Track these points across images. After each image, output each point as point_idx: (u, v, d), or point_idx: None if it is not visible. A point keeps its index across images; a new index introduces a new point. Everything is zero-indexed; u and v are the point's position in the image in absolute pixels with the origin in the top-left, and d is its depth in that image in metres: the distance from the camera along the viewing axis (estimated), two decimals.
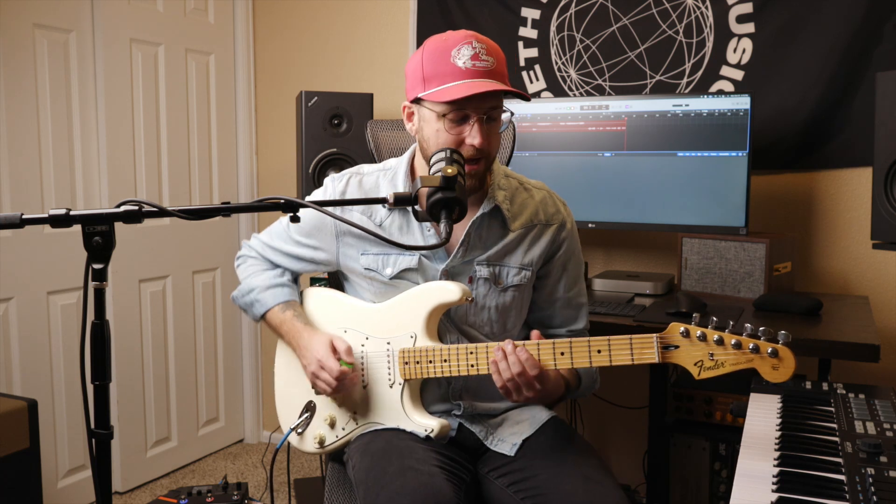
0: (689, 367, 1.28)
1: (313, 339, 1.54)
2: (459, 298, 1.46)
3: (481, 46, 1.42)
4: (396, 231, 1.56)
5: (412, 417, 1.49)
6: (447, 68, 1.40)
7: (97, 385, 1.11)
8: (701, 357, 1.27)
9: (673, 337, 1.29)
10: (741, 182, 2.21)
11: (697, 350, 1.27)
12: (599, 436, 2.83)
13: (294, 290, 1.68)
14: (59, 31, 2.65)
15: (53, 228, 1.41)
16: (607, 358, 1.34)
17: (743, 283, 2.19)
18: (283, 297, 1.64)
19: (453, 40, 1.42)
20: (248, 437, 3.51)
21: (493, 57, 1.43)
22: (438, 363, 1.46)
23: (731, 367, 1.25)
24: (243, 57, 3.35)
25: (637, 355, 1.31)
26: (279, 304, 1.64)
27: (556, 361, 1.38)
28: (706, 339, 1.26)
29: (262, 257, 1.71)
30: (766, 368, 1.22)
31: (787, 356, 1.21)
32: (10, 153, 2.52)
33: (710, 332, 1.26)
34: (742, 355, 1.24)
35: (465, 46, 1.41)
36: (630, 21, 2.60)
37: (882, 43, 2.26)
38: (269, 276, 1.67)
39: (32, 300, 2.62)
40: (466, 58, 1.40)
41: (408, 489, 1.30)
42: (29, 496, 2.18)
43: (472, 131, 1.42)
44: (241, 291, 1.70)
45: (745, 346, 1.23)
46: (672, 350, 1.29)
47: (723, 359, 1.25)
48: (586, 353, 1.36)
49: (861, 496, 1.00)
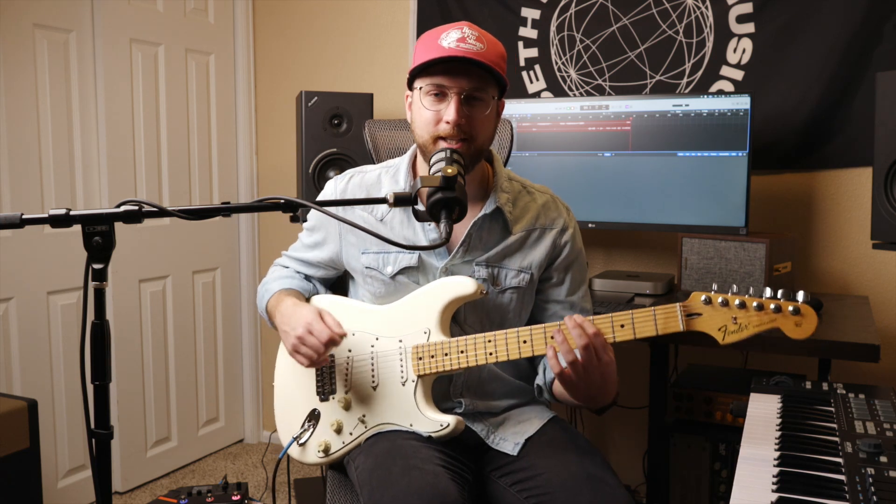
0: (714, 333, 1.31)
1: (300, 307, 1.54)
2: (475, 292, 1.47)
3: (471, 32, 1.44)
4: (398, 226, 1.56)
5: (426, 414, 1.48)
6: (433, 47, 1.44)
7: (97, 385, 1.11)
8: (724, 322, 1.30)
9: (696, 305, 1.32)
10: (741, 182, 2.21)
11: (720, 315, 1.30)
12: (599, 436, 2.83)
13: (302, 283, 1.69)
14: (59, 31, 2.65)
15: (53, 228, 1.41)
16: (631, 332, 1.35)
17: (743, 283, 2.19)
18: (286, 285, 1.67)
19: (447, 26, 1.47)
20: (248, 437, 3.51)
21: (484, 44, 1.44)
22: (454, 355, 1.45)
23: (754, 328, 1.28)
24: (243, 57, 3.35)
25: (662, 326, 1.33)
26: (282, 289, 1.66)
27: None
28: (728, 305, 1.29)
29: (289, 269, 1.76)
30: (789, 326, 1.26)
31: (808, 313, 1.25)
32: (10, 153, 2.52)
33: (732, 297, 1.29)
34: (765, 315, 1.27)
35: (455, 31, 1.44)
36: (630, 21, 2.60)
37: (882, 43, 2.26)
38: (284, 272, 1.72)
39: (32, 300, 2.62)
40: (452, 39, 1.43)
41: (413, 489, 1.30)
42: (29, 496, 2.18)
43: (448, 108, 1.43)
44: (260, 293, 1.73)
45: (766, 307, 1.27)
46: (695, 318, 1.32)
47: (746, 321, 1.28)
48: (609, 328, 1.36)
49: (861, 496, 1.00)
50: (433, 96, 1.45)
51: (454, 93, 1.43)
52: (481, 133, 1.48)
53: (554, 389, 1.56)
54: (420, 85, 1.46)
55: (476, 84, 1.44)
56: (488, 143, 1.52)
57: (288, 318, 1.54)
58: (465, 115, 1.43)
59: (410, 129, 1.54)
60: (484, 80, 1.45)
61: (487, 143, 1.52)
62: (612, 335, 1.35)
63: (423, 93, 1.45)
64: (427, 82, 1.45)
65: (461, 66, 1.42)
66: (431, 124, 1.45)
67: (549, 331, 1.39)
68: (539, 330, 1.40)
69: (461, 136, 1.44)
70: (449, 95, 1.44)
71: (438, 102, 1.45)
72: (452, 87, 1.43)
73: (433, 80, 1.44)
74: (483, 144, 1.50)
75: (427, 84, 1.45)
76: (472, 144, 1.47)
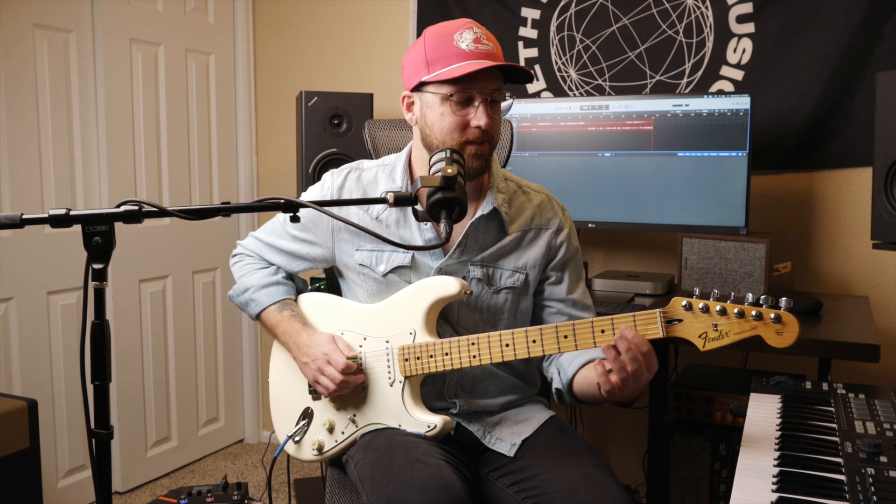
0: (694, 340, 1.28)
1: (315, 336, 1.54)
2: (458, 292, 1.46)
3: (481, 32, 1.46)
4: (394, 224, 1.56)
5: (414, 415, 1.48)
6: (451, 50, 1.43)
7: (97, 385, 1.11)
8: (705, 329, 1.27)
9: (676, 311, 1.29)
10: (741, 182, 2.21)
11: (701, 322, 1.27)
12: (599, 436, 2.82)
13: (289, 287, 1.67)
14: (59, 31, 2.64)
15: (53, 228, 1.41)
16: (611, 337, 1.33)
17: (743, 283, 2.19)
18: (279, 295, 1.64)
19: (454, 26, 1.46)
20: (248, 437, 3.51)
21: (493, 43, 1.46)
22: (439, 357, 1.46)
23: (735, 336, 1.25)
24: (243, 57, 3.35)
25: (641, 331, 1.31)
26: (274, 303, 1.63)
27: (559, 345, 1.38)
28: (709, 311, 1.26)
29: (257, 256, 1.71)
30: (770, 335, 1.22)
31: (790, 321, 1.21)
32: (10, 153, 2.52)
33: (713, 304, 1.26)
34: (746, 323, 1.24)
35: (467, 31, 1.44)
36: (630, 21, 2.60)
37: (882, 43, 2.26)
38: (264, 273, 1.67)
39: (32, 300, 2.62)
40: (469, 41, 1.43)
41: (417, 479, 1.29)
42: (29, 496, 2.18)
43: (477, 112, 1.43)
44: (237, 291, 1.69)
45: (747, 314, 1.23)
46: (676, 324, 1.29)
47: (727, 329, 1.25)
48: (590, 334, 1.35)
49: (861, 496, 1.00)
50: (458, 102, 1.44)
51: (481, 98, 1.43)
52: (498, 132, 1.51)
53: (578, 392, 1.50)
54: (444, 90, 1.44)
55: (497, 86, 1.46)
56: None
57: (305, 349, 1.54)
58: (490, 116, 1.45)
59: (421, 132, 1.51)
60: (501, 81, 1.47)
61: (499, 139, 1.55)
62: (593, 340, 1.35)
63: (452, 100, 1.44)
64: (454, 88, 1.43)
65: (484, 71, 1.42)
66: (457, 129, 1.45)
67: (531, 334, 1.39)
68: (521, 333, 1.40)
69: (485, 139, 1.46)
70: (475, 100, 1.44)
71: (464, 107, 1.45)
72: (481, 92, 1.43)
73: (462, 86, 1.42)
74: (497, 143, 1.53)
75: (456, 91, 1.43)
76: (492, 144, 1.50)
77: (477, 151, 1.46)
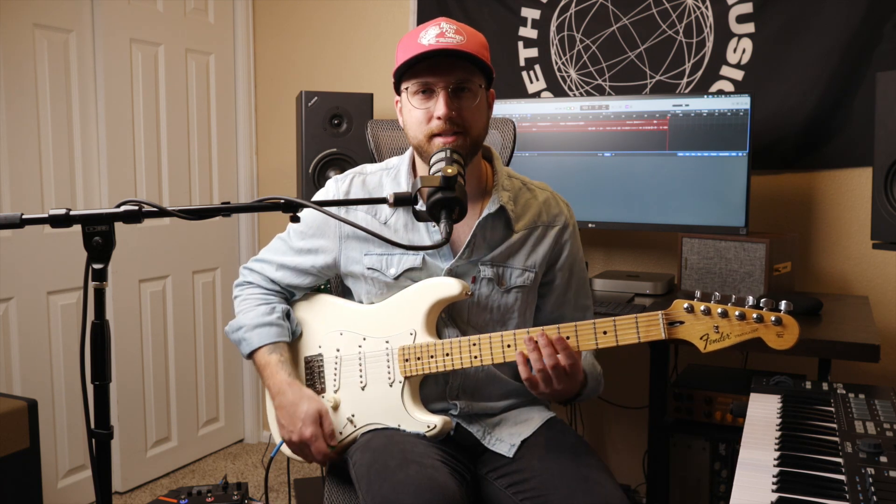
0: (695, 342, 1.30)
1: (299, 405, 1.50)
2: (459, 293, 1.46)
3: (450, 27, 1.44)
4: (402, 228, 1.55)
5: (413, 415, 1.48)
6: (413, 47, 1.43)
7: (97, 385, 1.11)
8: (706, 331, 1.29)
9: (677, 313, 1.31)
10: (741, 182, 2.21)
11: (702, 324, 1.29)
12: (599, 436, 2.82)
13: (283, 329, 1.60)
14: (59, 31, 2.65)
15: (53, 228, 1.41)
16: (613, 338, 1.34)
17: (743, 283, 2.19)
18: (270, 337, 1.58)
19: (425, 25, 1.47)
20: (248, 437, 3.51)
21: (464, 36, 1.44)
22: (440, 357, 1.45)
23: (736, 338, 1.27)
24: (243, 57, 3.35)
25: (643, 333, 1.32)
26: (265, 345, 1.58)
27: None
28: (710, 313, 1.28)
29: (263, 276, 1.66)
30: (770, 337, 1.25)
31: (790, 324, 1.24)
32: (10, 153, 2.52)
33: (714, 306, 1.28)
34: (747, 325, 1.26)
35: (433, 27, 1.44)
36: (630, 21, 2.60)
37: (882, 43, 2.26)
38: (259, 312, 1.61)
39: (32, 300, 2.62)
40: (431, 36, 1.43)
41: (411, 481, 1.29)
42: (29, 496, 2.18)
43: (437, 103, 1.43)
44: (232, 327, 1.65)
45: (748, 316, 1.25)
46: (677, 326, 1.31)
47: (728, 331, 1.27)
48: (592, 334, 1.36)
49: (861, 496, 1.00)
50: (421, 94, 1.45)
51: (441, 87, 1.43)
52: (474, 124, 1.47)
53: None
54: (406, 86, 1.46)
55: (461, 76, 1.44)
56: (483, 134, 1.52)
57: (289, 416, 1.51)
58: (454, 107, 1.43)
59: (404, 132, 1.54)
60: (468, 72, 1.45)
61: (482, 134, 1.51)
62: (595, 342, 1.35)
63: (409, 93, 1.45)
64: (412, 82, 1.45)
65: (445, 61, 1.42)
66: (423, 122, 1.45)
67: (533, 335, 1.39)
68: (523, 334, 1.40)
69: (455, 130, 1.44)
70: (436, 91, 1.44)
71: (427, 100, 1.45)
72: (438, 82, 1.43)
73: (418, 78, 1.44)
74: (478, 136, 1.50)
75: (413, 83, 1.45)
76: (468, 137, 1.46)
77: (446, 143, 1.43)
